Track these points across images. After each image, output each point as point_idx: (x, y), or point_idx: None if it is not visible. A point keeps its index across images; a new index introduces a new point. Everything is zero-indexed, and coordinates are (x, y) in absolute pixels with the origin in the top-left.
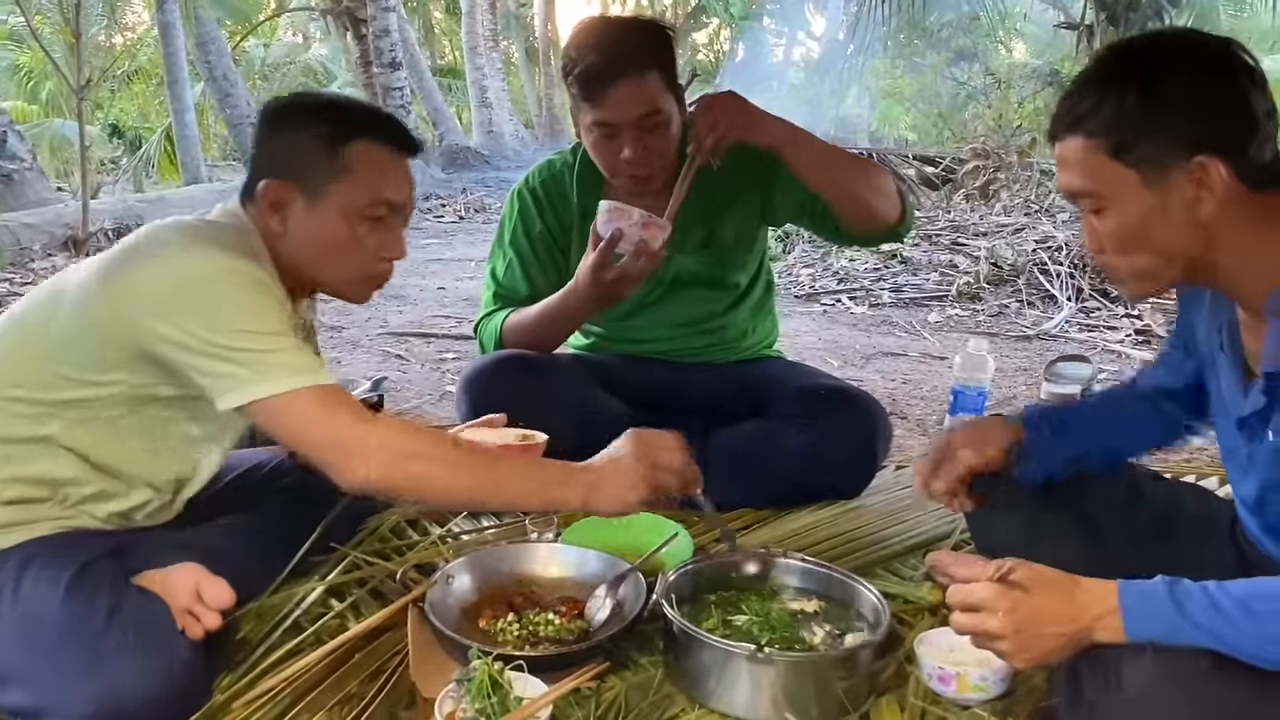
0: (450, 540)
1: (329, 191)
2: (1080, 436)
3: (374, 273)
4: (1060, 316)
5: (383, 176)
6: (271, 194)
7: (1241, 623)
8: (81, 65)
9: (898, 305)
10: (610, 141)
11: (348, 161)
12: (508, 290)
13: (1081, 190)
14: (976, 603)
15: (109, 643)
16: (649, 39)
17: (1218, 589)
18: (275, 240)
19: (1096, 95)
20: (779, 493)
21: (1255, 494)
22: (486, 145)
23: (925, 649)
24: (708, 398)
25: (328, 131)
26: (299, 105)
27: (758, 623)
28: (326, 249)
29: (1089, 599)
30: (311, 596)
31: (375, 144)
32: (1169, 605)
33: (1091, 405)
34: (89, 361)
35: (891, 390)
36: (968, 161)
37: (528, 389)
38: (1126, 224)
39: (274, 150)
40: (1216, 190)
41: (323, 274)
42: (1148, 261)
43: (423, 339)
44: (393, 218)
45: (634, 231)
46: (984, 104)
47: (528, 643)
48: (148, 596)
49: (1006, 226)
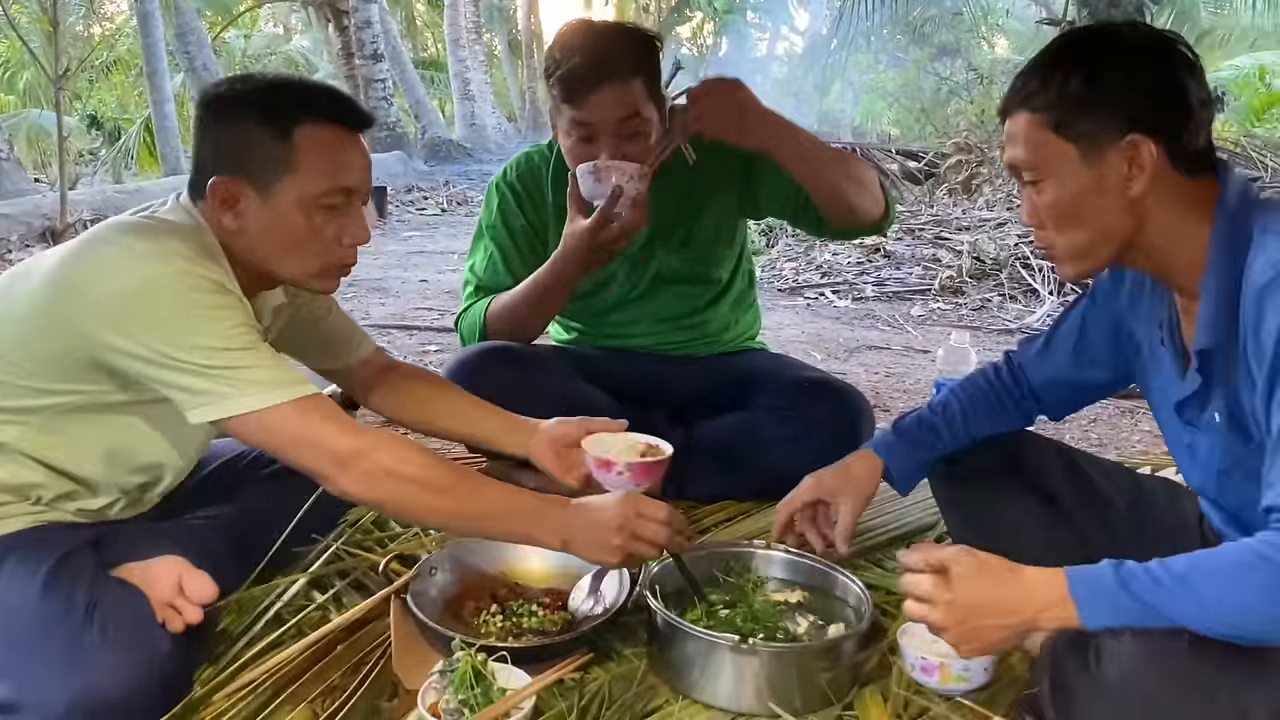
0: (433, 532)
1: (281, 184)
2: (942, 443)
3: (338, 261)
4: (1042, 310)
5: (335, 161)
6: (221, 191)
7: (1181, 595)
8: (59, 55)
9: (881, 299)
10: (587, 144)
11: (297, 150)
12: (488, 283)
13: (1024, 163)
14: (920, 594)
15: (88, 637)
16: (635, 47)
17: (1159, 565)
18: (230, 237)
19: (1044, 75)
20: (762, 485)
21: (1212, 483)
22: (469, 138)
23: (908, 640)
24: (690, 390)
25: (272, 120)
26: (239, 94)
27: (741, 614)
28: (285, 243)
29: (1033, 589)
30: (293, 588)
31: (323, 126)
32: (1117, 589)
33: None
34: (40, 371)
35: (875, 383)
36: (950, 156)
37: (511, 381)
38: (1063, 198)
39: (219, 143)
40: (1147, 169)
41: (284, 268)
42: (1083, 238)
43: (405, 331)
44: (351, 201)
45: (632, 186)
46: (966, 99)
47: (511, 634)
48: (127, 589)
49: (989, 221)
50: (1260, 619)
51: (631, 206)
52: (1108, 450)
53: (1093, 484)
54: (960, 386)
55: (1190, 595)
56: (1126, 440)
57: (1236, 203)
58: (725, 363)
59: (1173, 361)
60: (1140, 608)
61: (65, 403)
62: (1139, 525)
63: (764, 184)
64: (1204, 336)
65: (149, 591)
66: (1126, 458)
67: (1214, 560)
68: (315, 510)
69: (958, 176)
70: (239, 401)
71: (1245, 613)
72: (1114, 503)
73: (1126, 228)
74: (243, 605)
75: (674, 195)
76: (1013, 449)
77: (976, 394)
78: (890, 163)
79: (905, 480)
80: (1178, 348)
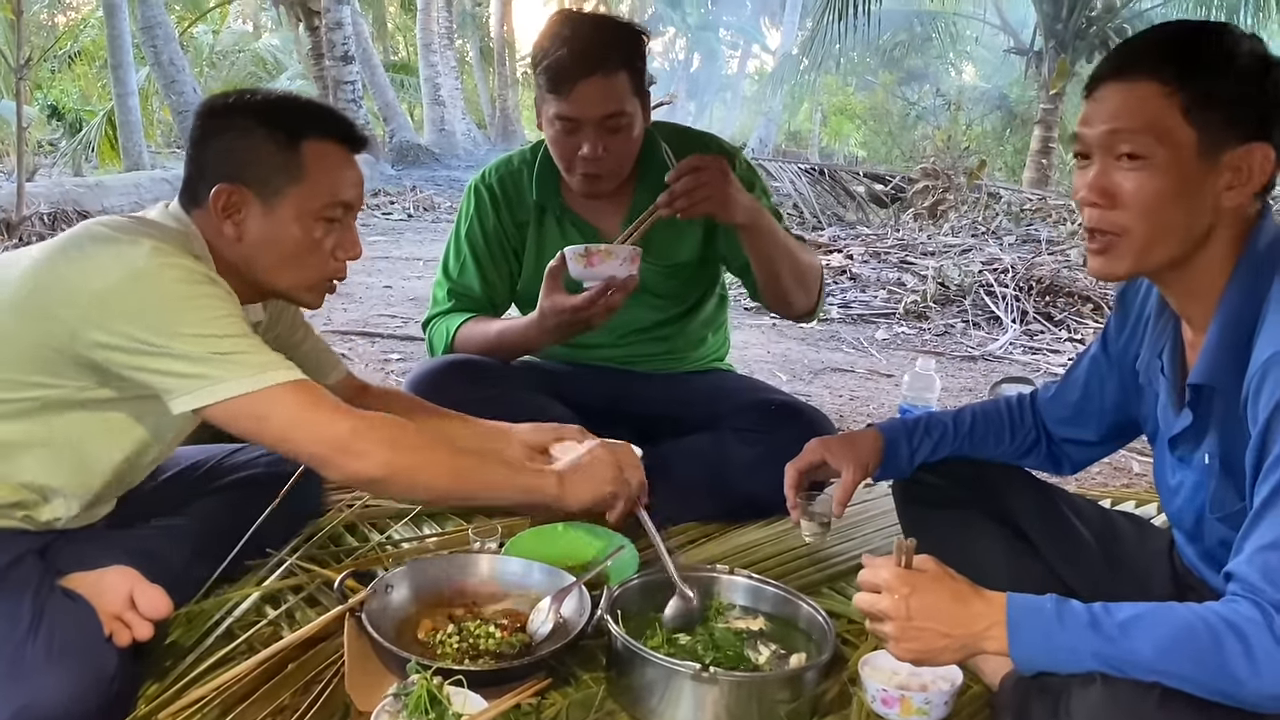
0: (390, 548)
1: (285, 195)
2: (944, 445)
3: (331, 273)
4: (1005, 338)
5: (338, 176)
6: (224, 198)
7: (1117, 642)
8: (22, 43)
9: (846, 321)
10: (570, 137)
11: (303, 163)
12: (461, 288)
13: (1131, 136)
14: (878, 582)
15: (30, 650)
16: (623, 40)
17: (1103, 609)
18: (226, 246)
19: (1185, 51)
20: (726, 506)
21: (1191, 519)
22: (438, 143)
23: (869, 671)
24: (657, 408)
25: (280, 132)
26: (244, 105)
27: (702, 641)
28: (284, 253)
29: (984, 609)
30: (245, 603)
31: (327, 143)
32: (1052, 622)
33: (965, 422)
34: (21, 365)
35: (839, 406)
36: (917, 181)
37: (476, 395)
38: (1163, 187)
39: (222, 152)
40: (1253, 180)
41: (279, 279)
42: (1158, 233)
43: (367, 338)
44: (347, 217)
45: (623, 270)
46: (933, 124)
47: (468, 656)
48: (75, 602)
49: (954, 247)
50: (1187, 685)
51: (620, 288)
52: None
53: (1062, 518)
54: (981, 404)
55: (1124, 644)
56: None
57: (1266, 248)
58: (692, 382)
59: (1169, 393)
60: (1068, 646)
61: (19, 407)
62: (1108, 561)
63: (724, 238)
64: (1203, 372)
65: (97, 603)
66: (1085, 489)
67: (1157, 617)
68: (272, 522)
69: (924, 201)
70: (230, 385)
71: (1172, 676)
72: (1083, 537)
73: (1198, 236)
74: (192, 619)
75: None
76: (982, 477)
77: (991, 415)
78: (857, 185)
79: (892, 465)
80: (1176, 380)
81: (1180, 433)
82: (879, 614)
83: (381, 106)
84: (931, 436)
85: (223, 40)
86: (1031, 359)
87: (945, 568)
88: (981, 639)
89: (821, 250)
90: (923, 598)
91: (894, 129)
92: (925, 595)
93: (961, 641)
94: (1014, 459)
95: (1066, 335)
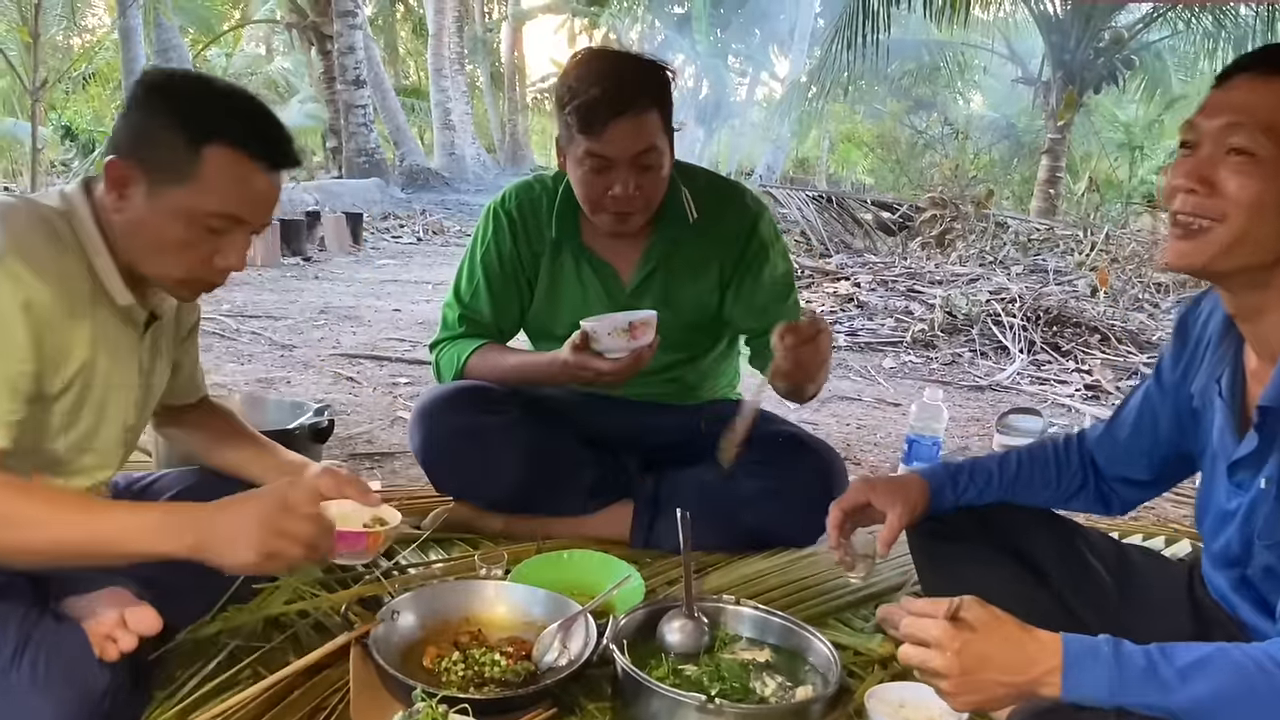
0: (396, 574)
1: (173, 191)
2: (989, 490)
3: (202, 278)
4: (1012, 368)
5: (237, 191)
6: (115, 172)
7: (1177, 690)
8: (37, 65)
9: (853, 349)
10: (599, 176)
11: (202, 166)
12: (472, 312)
13: (1252, 127)
14: (928, 639)
15: (15, 676)
16: (653, 79)
17: (1160, 654)
18: (112, 220)
19: None
20: (732, 538)
21: (1239, 547)
22: (448, 167)
23: (875, 703)
24: (665, 438)
25: (190, 127)
26: (173, 87)
27: (708, 672)
28: (155, 243)
29: (1039, 652)
30: (250, 627)
31: (239, 153)
32: (1110, 667)
33: (1011, 468)
34: None
35: (846, 435)
36: (925, 209)
37: (484, 424)
38: (1264, 188)
39: (134, 126)
40: None
41: (145, 263)
42: (1256, 233)
43: (375, 362)
44: (237, 230)
45: (649, 335)
46: (941, 153)
47: (473, 684)
48: (63, 625)
49: (961, 276)
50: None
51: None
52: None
53: (1077, 551)
54: (1027, 447)
55: (1184, 692)
56: None
57: None
58: (700, 413)
59: (1227, 417)
60: (1125, 691)
61: None
62: (1125, 595)
63: (734, 300)
64: (1274, 395)
65: (89, 625)
66: (1094, 522)
67: (1217, 663)
68: None
69: (932, 230)
70: None
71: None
72: (1097, 569)
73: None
74: (197, 643)
75: (664, 269)
76: (993, 510)
77: (1037, 458)
78: (865, 213)
79: (936, 510)
80: (1236, 403)
81: (1242, 458)
82: (933, 671)
83: (392, 130)
84: (977, 483)
85: (236, 63)
86: (1039, 389)
87: (991, 610)
88: (1039, 685)
89: (829, 278)
90: (976, 649)
91: (902, 157)
92: (979, 646)
93: (1020, 689)
94: (1061, 502)
95: (1074, 365)
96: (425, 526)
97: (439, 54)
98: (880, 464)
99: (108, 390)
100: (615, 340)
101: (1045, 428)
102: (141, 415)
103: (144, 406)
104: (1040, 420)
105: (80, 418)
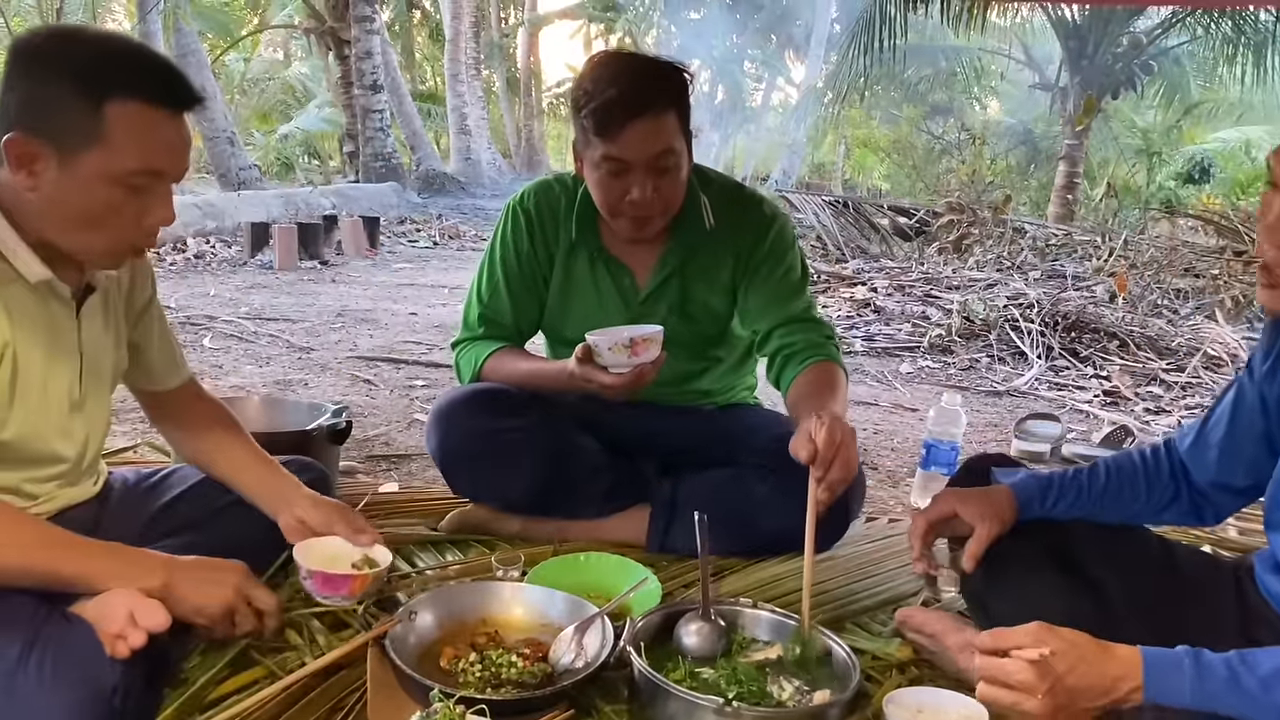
0: (414, 575)
1: (85, 156)
2: (1078, 506)
3: (131, 241)
4: (1030, 374)
5: (147, 141)
6: (17, 149)
7: (1260, 698)
8: None
9: (870, 354)
10: (616, 179)
11: (107, 125)
12: (492, 312)
13: None
14: (1015, 683)
15: (21, 678)
16: (670, 80)
17: (1240, 662)
18: (23, 199)
19: None
20: (748, 542)
21: None
22: (463, 172)
23: (894, 708)
24: (682, 442)
25: (86, 88)
26: (57, 52)
27: (725, 675)
28: (77, 217)
29: (1121, 671)
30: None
31: (140, 103)
32: (1192, 679)
33: (1099, 483)
34: None
35: (863, 440)
36: (942, 215)
37: (501, 427)
38: None
39: (24, 97)
40: None
41: (71, 242)
42: None
43: (392, 364)
44: (157, 183)
45: (653, 351)
46: (958, 158)
47: (490, 685)
48: (72, 625)
49: (979, 281)
50: None
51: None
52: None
53: (1122, 549)
54: (1115, 459)
55: (1267, 700)
56: None
57: None
58: (717, 417)
59: None
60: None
61: None
62: (1171, 593)
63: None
64: None
65: (100, 624)
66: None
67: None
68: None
69: (949, 236)
70: None
71: None
72: (1144, 570)
73: None
74: (211, 643)
75: (679, 277)
76: None
77: (1125, 469)
78: (881, 218)
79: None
80: None
81: None
82: (1025, 712)
83: (409, 135)
84: (1066, 497)
85: (253, 68)
86: (1057, 395)
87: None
88: (1123, 701)
89: (845, 283)
90: (1066, 685)
91: (918, 162)
92: (1068, 682)
93: (1107, 704)
94: (1151, 516)
95: (1093, 371)
96: (442, 529)
97: (455, 59)
98: (897, 469)
99: (44, 367)
100: (616, 356)
101: (1063, 434)
102: (93, 390)
103: (96, 379)
104: (1059, 426)
105: (15, 397)
